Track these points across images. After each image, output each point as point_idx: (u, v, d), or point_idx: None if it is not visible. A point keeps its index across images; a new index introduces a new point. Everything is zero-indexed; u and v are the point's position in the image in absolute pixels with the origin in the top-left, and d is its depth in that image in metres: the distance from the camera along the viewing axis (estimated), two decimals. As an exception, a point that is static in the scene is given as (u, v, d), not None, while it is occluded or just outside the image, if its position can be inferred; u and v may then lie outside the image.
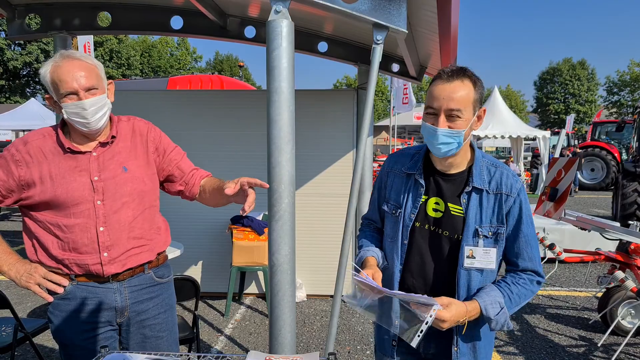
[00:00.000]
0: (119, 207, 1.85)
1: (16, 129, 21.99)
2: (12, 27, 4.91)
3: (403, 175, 1.76)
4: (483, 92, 1.61)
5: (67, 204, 1.79)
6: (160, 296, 2.01)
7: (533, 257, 1.64)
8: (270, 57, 2.67)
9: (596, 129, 20.49)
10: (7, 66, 39.25)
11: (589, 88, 50.49)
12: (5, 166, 1.80)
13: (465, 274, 1.63)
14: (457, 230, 1.63)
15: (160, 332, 2.00)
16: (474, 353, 1.68)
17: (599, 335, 4.36)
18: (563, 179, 4.56)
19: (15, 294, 5.38)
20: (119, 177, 1.86)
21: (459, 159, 1.67)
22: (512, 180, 1.64)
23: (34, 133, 1.86)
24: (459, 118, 1.55)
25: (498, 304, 1.57)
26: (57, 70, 1.75)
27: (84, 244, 1.80)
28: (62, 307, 1.86)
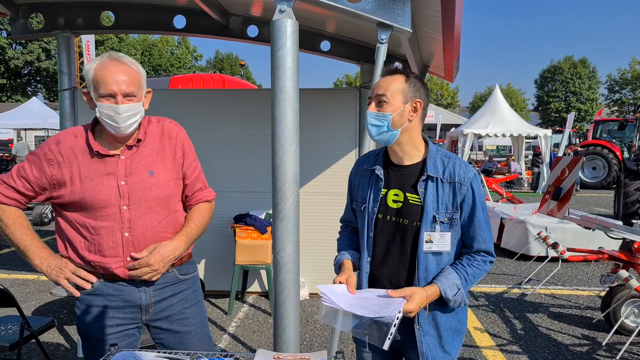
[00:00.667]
0: (144, 212, 1.87)
1: (17, 127, 22.05)
2: (16, 27, 4.92)
3: (367, 172, 1.91)
4: (419, 87, 1.78)
5: (94, 206, 1.82)
6: (184, 291, 2.03)
7: (486, 239, 1.79)
8: (274, 56, 2.68)
9: (598, 128, 20.44)
10: (8, 65, 39.27)
11: (590, 86, 50.39)
12: (39, 164, 1.85)
13: (424, 257, 1.76)
14: (416, 218, 1.77)
15: (188, 326, 2.03)
16: (437, 331, 1.81)
17: (602, 334, 4.37)
18: (567, 178, 4.57)
19: (20, 292, 5.40)
20: (145, 182, 1.87)
21: (408, 149, 1.82)
22: (464, 170, 1.77)
23: (66, 133, 1.89)
24: (385, 103, 1.75)
25: (455, 286, 1.73)
26: (102, 70, 1.77)
27: (109, 247, 1.83)
28: (89, 302, 1.90)
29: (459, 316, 1.87)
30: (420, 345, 1.78)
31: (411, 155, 1.82)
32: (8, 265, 6.62)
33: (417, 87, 1.78)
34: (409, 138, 1.80)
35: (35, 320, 3.12)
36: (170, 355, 1.56)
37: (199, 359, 1.53)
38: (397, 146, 1.81)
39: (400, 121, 1.76)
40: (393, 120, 1.75)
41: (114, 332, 1.90)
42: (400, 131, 1.77)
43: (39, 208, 9.49)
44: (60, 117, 5.31)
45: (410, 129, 1.79)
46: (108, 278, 1.88)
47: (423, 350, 1.78)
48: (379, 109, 1.77)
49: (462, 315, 1.89)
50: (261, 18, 5.14)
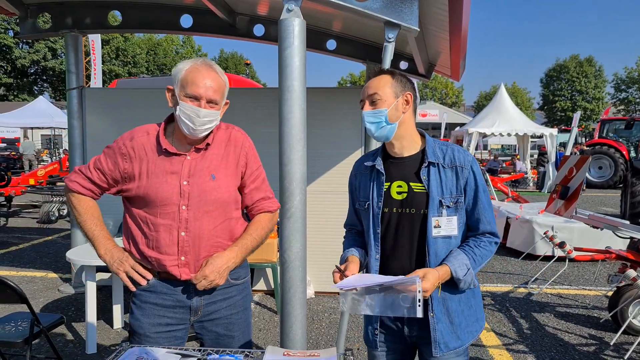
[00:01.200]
0: (202, 214, 1.90)
1: (24, 126, 22.15)
2: (25, 26, 4.95)
3: (367, 170, 1.94)
4: (405, 82, 1.86)
5: (155, 203, 1.87)
6: (234, 297, 2.05)
7: (490, 221, 1.83)
8: (282, 55, 2.69)
9: (604, 127, 20.33)
10: (15, 64, 39.49)
11: (596, 85, 50.16)
12: (113, 157, 1.93)
13: (434, 242, 1.79)
14: (423, 206, 1.80)
15: (233, 331, 2.05)
16: (449, 317, 1.82)
17: (610, 334, 4.35)
18: (574, 177, 4.55)
19: (28, 289, 5.44)
20: (206, 185, 1.91)
21: (406, 143, 1.87)
22: (463, 154, 1.84)
23: (139, 130, 1.96)
24: (379, 100, 1.81)
25: (465, 266, 1.76)
26: (194, 72, 1.85)
27: (166, 244, 1.88)
28: (144, 298, 1.95)
29: (471, 301, 1.89)
30: (433, 332, 1.79)
31: (410, 147, 1.87)
32: (16, 262, 6.67)
33: (403, 82, 1.85)
34: (406, 131, 1.86)
35: (44, 317, 3.14)
36: (181, 352, 1.57)
37: (209, 355, 1.55)
38: (396, 140, 1.86)
39: (396, 114, 1.82)
40: (389, 115, 1.81)
41: (162, 331, 1.94)
42: (397, 124, 1.82)
43: (45, 206, 9.55)
44: (68, 116, 5.35)
45: (406, 121, 1.85)
46: (163, 277, 1.93)
47: (436, 337, 1.79)
48: (374, 107, 1.83)
49: (474, 300, 1.90)
50: (268, 17, 5.16)
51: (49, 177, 11.62)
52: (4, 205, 10.00)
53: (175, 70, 1.89)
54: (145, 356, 1.52)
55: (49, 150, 25.50)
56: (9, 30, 37.38)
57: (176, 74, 1.87)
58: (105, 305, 4.84)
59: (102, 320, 4.54)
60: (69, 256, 4.10)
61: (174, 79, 1.87)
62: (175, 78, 1.86)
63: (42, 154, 23.99)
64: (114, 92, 6.58)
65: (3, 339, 2.90)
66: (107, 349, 4.00)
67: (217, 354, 1.56)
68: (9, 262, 6.70)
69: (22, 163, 20.37)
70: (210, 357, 1.53)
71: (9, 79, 40.10)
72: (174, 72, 1.88)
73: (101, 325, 4.45)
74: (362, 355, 3.99)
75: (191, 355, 1.55)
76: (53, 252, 7.25)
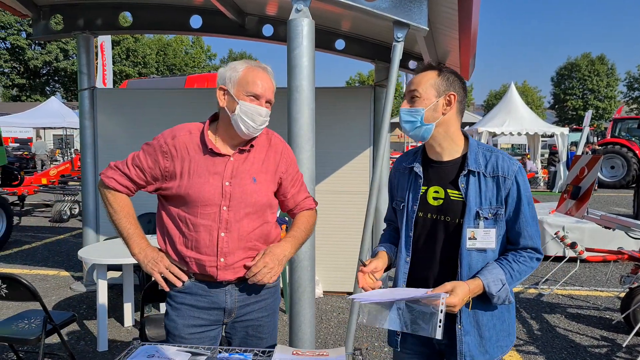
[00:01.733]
0: (242, 216, 1.91)
1: (37, 126, 22.35)
2: (37, 28, 5.01)
3: (406, 170, 1.87)
4: (453, 80, 1.75)
5: (196, 203, 1.87)
6: (266, 300, 2.06)
7: (533, 236, 1.72)
8: (290, 55, 2.70)
9: (616, 126, 20.12)
10: (27, 65, 39.93)
11: (609, 84, 49.58)
12: (154, 155, 1.92)
13: (467, 255, 1.70)
14: (458, 215, 1.72)
15: (262, 334, 2.06)
16: (479, 330, 1.74)
17: (622, 336, 4.32)
18: (586, 177, 4.51)
19: (41, 287, 5.50)
20: (248, 187, 1.92)
21: (446, 145, 1.77)
22: (508, 163, 1.72)
23: (181, 128, 1.95)
24: (417, 98, 1.73)
25: (500, 281, 1.66)
26: (254, 72, 1.89)
27: (205, 245, 1.88)
28: (179, 300, 1.95)
29: (504, 315, 1.80)
30: (459, 344, 1.72)
31: (450, 151, 1.78)
32: (29, 261, 6.75)
33: (450, 81, 1.74)
34: (446, 132, 1.76)
35: (57, 314, 3.18)
36: (191, 350, 1.59)
37: (219, 354, 1.56)
38: (434, 141, 1.77)
39: (434, 115, 1.73)
40: (426, 115, 1.72)
41: (196, 332, 1.95)
42: (434, 125, 1.73)
43: (57, 205, 9.65)
44: (79, 116, 5.41)
45: (446, 123, 1.75)
46: (199, 278, 1.93)
47: (462, 350, 1.72)
48: (411, 105, 1.75)
49: (507, 314, 1.81)
50: (277, 17, 5.17)
51: (60, 176, 11.74)
52: (17, 205, 10.12)
53: (227, 70, 1.90)
54: (156, 354, 1.54)
55: (61, 150, 25.75)
56: (22, 31, 37.80)
57: (232, 74, 1.88)
58: (117, 303, 4.89)
59: (113, 318, 4.59)
60: (80, 255, 4.14)
61: (228, 78, 1.88)
62: (231, 78, 1.88)
63: (55, 153, 24.22)
64: (125, 92, 6.64)
65: (17, 336, 2.95)
66: (118, 347, 4.04)
67: (227, 353, 1.57)
68: (22, 260, 6.79)
69: (35, 163, 20.58)
70: (220, 356, 1.54)
71: (21, 80, 40.54)
72: (227, 72, 1.89)
73: (112, 323, 4.49)
74: (370, 355, 4.00)
75: (201, 354, 1.57)
76: (65, 251, 7.33)
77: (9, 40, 37.91)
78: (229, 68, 1.91)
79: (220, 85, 1.90)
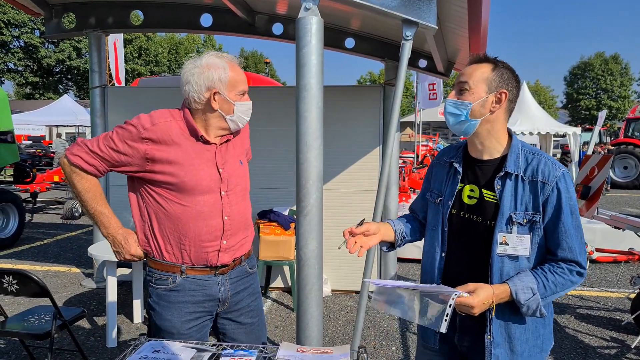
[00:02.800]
0: (240, 198, 2.02)
1: (50, 124, 22.60)
2: (49, 26, 5.06)
3: (446, 164, 1.82)
4: (507, 77, 1.66)
5: (194, 191, 1.87)
6: (251, 286, 2.15)
7: (573, 248, 1.61)
8: (299, 54, 2.70)
9: (630, 126, 19.87)
10: (41, 64, 40.34)
11: (622, 83, 49.03)
12: (131, 140, 1.85)
13: (499, 260, 1.62)
14: (490, 217, 1.65)
15: (252, 318, 2.14)
16: (510, 344, 1.66)
17: (632, 337, 4.27)
18: (596, 177, 4.47)
19: (52, 283, 5.57)
20: (238, 170, 2.02)
21: (488, 144, 1.70)
22: (550, 168, 1.62)
23: (161, 114, 1.90)
24: (466, 91, 1.65)
25: (530, 290, 1.56)
26: (235, 70, 1.91)
27: (208, 231, 1.90)
28: (171, 299, 1.94)
29: (539, 330, 1.70)
30: (488, 355, 1.65)
31: (491, 150, 1.70)
32: (41, 257, 6.83)
33: (504, 77, 1.65)
34: (490, 130, 1.68)
35: (66, 310, 3.22)
36: (197, 346, 1.60)
37: (224, 350, 1.57)
38: (476, 138, 1.70)
39: (481, 112, 1.65)
40: (472, 110, 1.64)
41: (194, 325, 1.97)
42: (479, 122, 1.66)
43: (69, 203, 9.74)
44: (91, 114, 5.46)
45: (492, 120, 1.66)
46: (191, 272, 1.93)
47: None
48: (459, 97, 1.67)
49: (542, 329, 1.71)
50: (286, 16, 5.18)
51: (72, 174, 11.83)
52: (30, 202, 10.23)
53: (212, 72, 1.85)
54: (162, 349, 1.55)
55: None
56: (36, 30, 38.19)
57: (221, 75, 1.85)
58: (126, 300, 4.93)
59: (122, 315, 4.63)
60: (90, 251, 4.19)
61: (218, 80, 1.85)
62: (221, 79, 1.86)
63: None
64: (136, 90, 6.69)
65: (27, 331, 2.99)
66: (127, 343, 4.08)
67: (231, 349, 1.58)
68: (34, 256, 6.87)
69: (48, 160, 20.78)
70: (226, 352, 1.55)
71: (35, 78, 40.96)
72: (212, 74, 1.85)
73: (122, 320, 4.53)
74: (378, 353, 3.99)
75: (207, 350, 1.58)
76: (76, 248, 7.40)
77: (23, 38, 38.32)
78: (212, 68, 1.85)
79: (213, 90, 1.86)
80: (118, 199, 5.30)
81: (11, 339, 3.89)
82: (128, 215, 2.01)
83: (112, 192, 5.40)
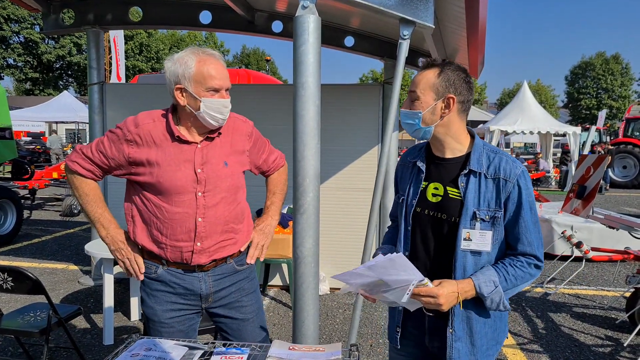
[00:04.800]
0: (218, 201, 1.94)
1: (49, 120, 22.62)
2: (48, 22, 5.06)
3: (410, 164, 1.86)
4: (453, 81, 1.67)
5: (170, 191, 1.88)
6: (241, 281, 2.11)
7: (532, 242, 1.67)
8: (297, 52, 2.70)
9: (629, 125, 19.89)
10: (41, 59, 40.30)
11: (623, 83, 49.06)
12: (117, 143, 1.91)
13: (462, 255, 1.67)
14: (455, 213, 1.68)
15: (246, 314, 2.11)
16: (471, 338, 1.71)
17: (626, 335, 4.28)
18: (592, 177, 4.48)
19: (49, 280, 5.57)
20: (220, 172, 1.95)
21: (447, 145, 1.74)
22: (511, 166, 1.67)
23: (145, 116, 1.94)
24: (416, 100, 1.69)
25: (492, 283, 1.62)
26: (206, 65, 1.85)
27: (182, 231, 1.90)
28: (153, 287, 1.99)
29: (497, 324, 1.76)
30: (449, 349, 1.69)
31: (452, 149, 1.74)
32: (39, 254, 6.84)
33: (451, 81, 1.67)
34: (447, 132, 1.72)
35: (62, 307, 3.22)
36: (189, 344, 1.60)
37: (216, 348, 1.58)
38: (435, 140, 1.74)
39: (432, 118, 1.69)
40: (424, 118, 1.68)
41: (176, 316, 1.99)
42: (434, 127, 1.70)
43: (68, 200, 9.74)
44: (89, 110, 5.46)
45: (446, 124, 1.70)
46: (172, 266, 1.96)
47: (452, 356, 1.69)
48: (410, 107, 1.71)
49: (500, 323, 1.78)
50: (286, 13, 5.17)
51: (71, 170, 11.83)
52: (28, 198, 10.24)
53: (176, 65, 1.85)
54: (154, 347, 1.56)
55: (73, 145, 26.00)
56: (36, 25, 38.15)
57: (184, 70, 1.83)
58: (123, 297, 4.94)
59: (119, 312, 4.64)
60: (87, 249, 4.19)
61: (182, 75, 1.84)
62: (185, 74, 1.84)
63: (65, 148, 24.49)
64: (134, 87, 6.69)
65: (22, 328, 2.99)
66: (124, 341, 4.08)
67: (224, 347, 1.59)
68: (31, 253, 6.87)
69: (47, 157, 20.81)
70: (218, 350, 1.56)
71: (35, 74, 40.93)
72: (177, 68, 1.84)
73: (119, 317, 4.54)
74: (375, 352, 4.00)
75: (199, 348, 1.58)
76: (74, 245, 7.41)
77: (23, 34, 38.29)
78: (177, 63, 1.85)
79: (177, 85, 1.86)
80: (116, 197, 5.31)
81: (7, 336, 3.89)
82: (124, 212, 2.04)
83: (110, 189, 5.41)
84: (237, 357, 1.51)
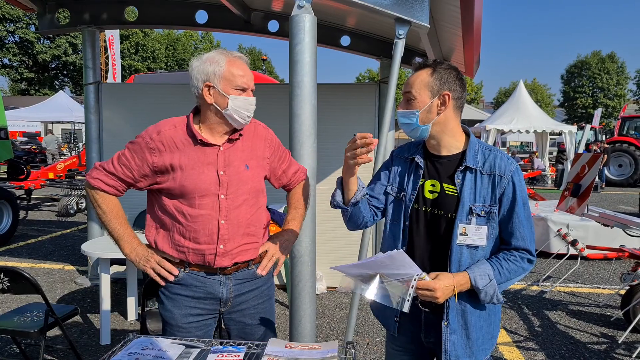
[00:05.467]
0: (240, 203, 1.95)
1: (45, 120, 22.53)
2: (43, 22, 5.04)
3: (407, 160, 1.88)
4: (447, 78, 1.72)
5: (193, 194, 1.89)
6: (260, 287, 2.10)
7: (525, 237, 1.71)
8: (292, 51, 2.71)
9: (624, 124, 19.96)
10: (36, 59, 40.16)
11: (619, 82, 49.21)
12: (140, 152, 1.91)
13: (458, 249, 1.70)
14: (451, 209, 1.72)
15: (256, 320, 2.10)
16: (466, 330, 1.73)
17: (621, 333, 4.31)
18: (586, 175, 4.50)
19: (46, 281, 5.56)
20: (242, 174, 1.96)
21: (444, 142, 1.78)
22: (505, 163, 1.72)
23: (166, 123, 1.95)
24: (413, 100, 1.73)
25: (487, 276, 1.66)
26: (236, 64, 1.90)
27: (205, 234, 1.91)
28: (174, 290, 1.98)
29: (492, 318, 1.80)
30: (445, 342, 1.72)
31: (449, 147, 1.78)
32: (35, 254, 6.82)
33: (444, 79, 1.72)
34: (444, 130, 1.76)
35: (59, 307, 3.22)
36: (185, 342, 1.61)
37: (213, 347, 1.58)
38: (432, 139, 1.78)
39: (429, 117, 1.73)
40: (421, 117, 1.72)
41: (194, 321, 1.99)
42: (431, 125, 1.74)
43: (64, 200, 9.72)
44: (85, 110, 5.45)
45: (443, 121, 1.75)
46: (194, 269, 1.96)
47: (447, 348, 1.72)
48: (407, 107, 1.75)
49: (494, 317, 1.81)
50: (282, 13, 5.18)
51: (67, 171, 11.83)
52: (24, 199, 10.21)
53: (206, 64, 1.88)
54: (150, 346, 1.56)
55: (69, 145, 25.92)
56: (31, 25, 38.01)
57: (215, 69, 1.87)
58: (120, 297, 4.93)
59: (116, 312, 4.63)
60: (84, 249, 4.18)
61: (212, 73, 1.87)
62: (215, 72, 1.87)
63: (62, 148, 24.40)
64: (130, 87, 6.68)
65: (19, 328, 2.98)
66: (121, 340, 4.08)
67: (220, 345, 1.59)
68: (28, 254, 6.86)
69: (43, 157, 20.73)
70: (214, 348, 1.56)
71: (30, 74, 40.80)
72: (207, 66, 1.87)
73: (116, 317, 4.54)
74: (372, 350, 4.01)
75: (195, 346, 1.59)
76: (71, 245, 7.40)
77: (18, 33, 38.15)
78: (207, 62, 1.89)
79: (206, 83, 1.89)
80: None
81: (3, 336, 3.89)
82: (130, 211, 2.02)
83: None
84: (234, 356, 1.52)
